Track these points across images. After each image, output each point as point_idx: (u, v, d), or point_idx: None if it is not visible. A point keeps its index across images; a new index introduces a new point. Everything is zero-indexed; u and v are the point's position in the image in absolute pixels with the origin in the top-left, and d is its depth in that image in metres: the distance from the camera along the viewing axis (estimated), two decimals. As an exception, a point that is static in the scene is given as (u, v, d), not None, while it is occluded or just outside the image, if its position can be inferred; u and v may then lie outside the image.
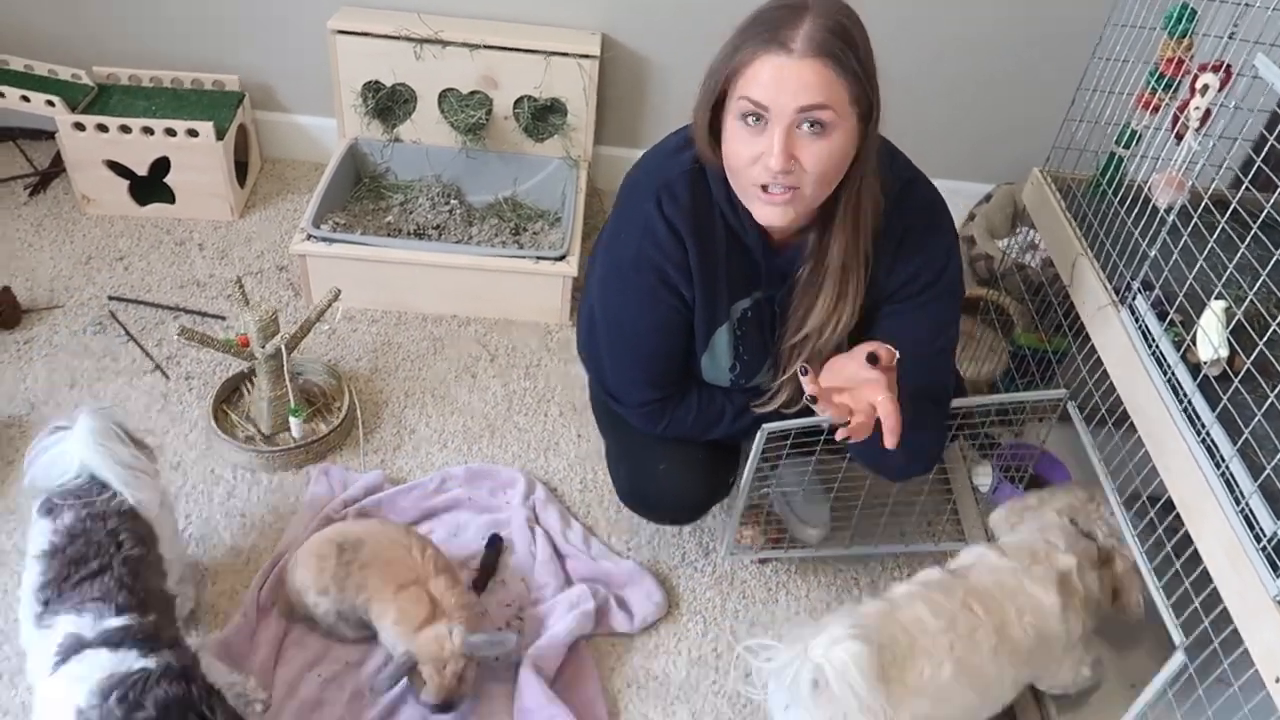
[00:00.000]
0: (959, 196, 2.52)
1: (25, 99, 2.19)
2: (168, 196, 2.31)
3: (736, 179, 1.22)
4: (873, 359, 1.16)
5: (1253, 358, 1.15)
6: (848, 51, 1.12)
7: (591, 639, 1.58)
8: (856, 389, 1.17)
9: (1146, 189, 1.49)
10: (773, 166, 1.15)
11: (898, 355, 1.18)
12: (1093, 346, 1.47)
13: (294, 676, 1.46)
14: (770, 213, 1.21)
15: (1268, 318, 1.20)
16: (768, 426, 1.44)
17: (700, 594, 1.68)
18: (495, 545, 1.67)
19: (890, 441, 1.15)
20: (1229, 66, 1.37)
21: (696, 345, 1.41)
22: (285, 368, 1.75)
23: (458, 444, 1.89)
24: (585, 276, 1.57)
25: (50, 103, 2.18)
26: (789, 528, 1.75)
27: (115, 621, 1.16)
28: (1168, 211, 1.41)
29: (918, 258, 1.32)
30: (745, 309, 1.38)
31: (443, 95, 2.35)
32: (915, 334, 1.35)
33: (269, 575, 1.57)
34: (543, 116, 2.40)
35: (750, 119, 1.15)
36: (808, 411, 1.46)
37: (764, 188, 1.18)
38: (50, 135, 2.27)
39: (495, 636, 1.41)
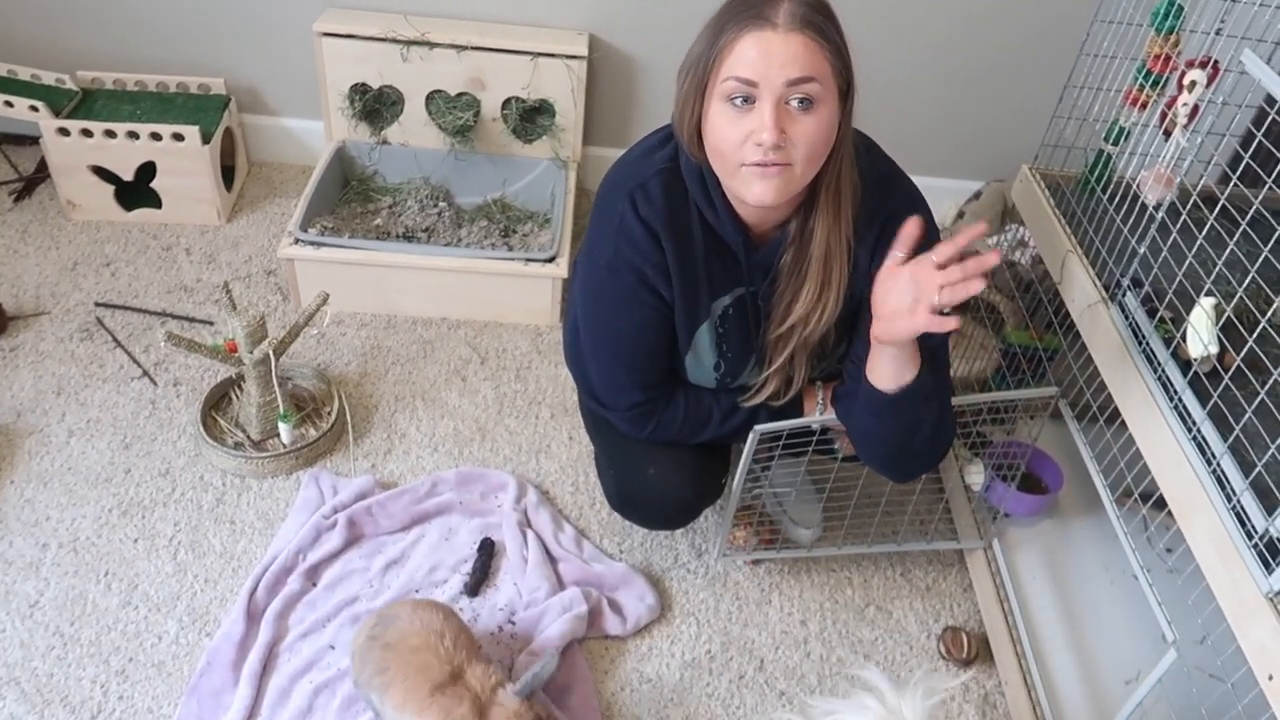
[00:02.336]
0: (948, 194, 2.53)
1: (8, 104, 2.18)
2: (154, 201, 2.30)
3: (725, 163, 1.20)
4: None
5: (1243, 354, 1.15)
6: (828, 24, 1.13)
7: (584, 642, 1.57)
8: (916, 289, 1.16)
9: (1135, 186, 1.49)
10: (765, 141, 1.13)
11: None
12: (1084, 344, 1.47)
13: (285, 684, 1.45)
14: (763, 188, 1.18)
15: (1257, 314, 1.20)
16: (760, 427, 1.43)
17: (693, 596, 1.68)
18: (487, 549, 1.66)
19: (966, 241, 1.12)
20: (1216, 62, 1.37)
21: (679, 345, 1.40)
22: (273, 373, 1.74)
23: (448, 447, 1.88)
24: (569, 283, 1.57)
25: (34, 108, 2.17)
26: (782, 528, 1.75)
27: None
28: (1156, 208, 1.41)
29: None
30: (726, 306, 1.38)
31: (430, 97, 2.34)
32: None
33: (259, 581, 1.56)
34: (531, 118, 2.39)
35: (738, 100, 1.15)
36: (797, 407, 1.46)
37: (756, 163, 1.17)
38: (34, 141, 2.25)
39: (535, 669, 1.32)
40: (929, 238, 1.34)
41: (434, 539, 1.69)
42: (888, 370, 1.26)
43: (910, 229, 1.16)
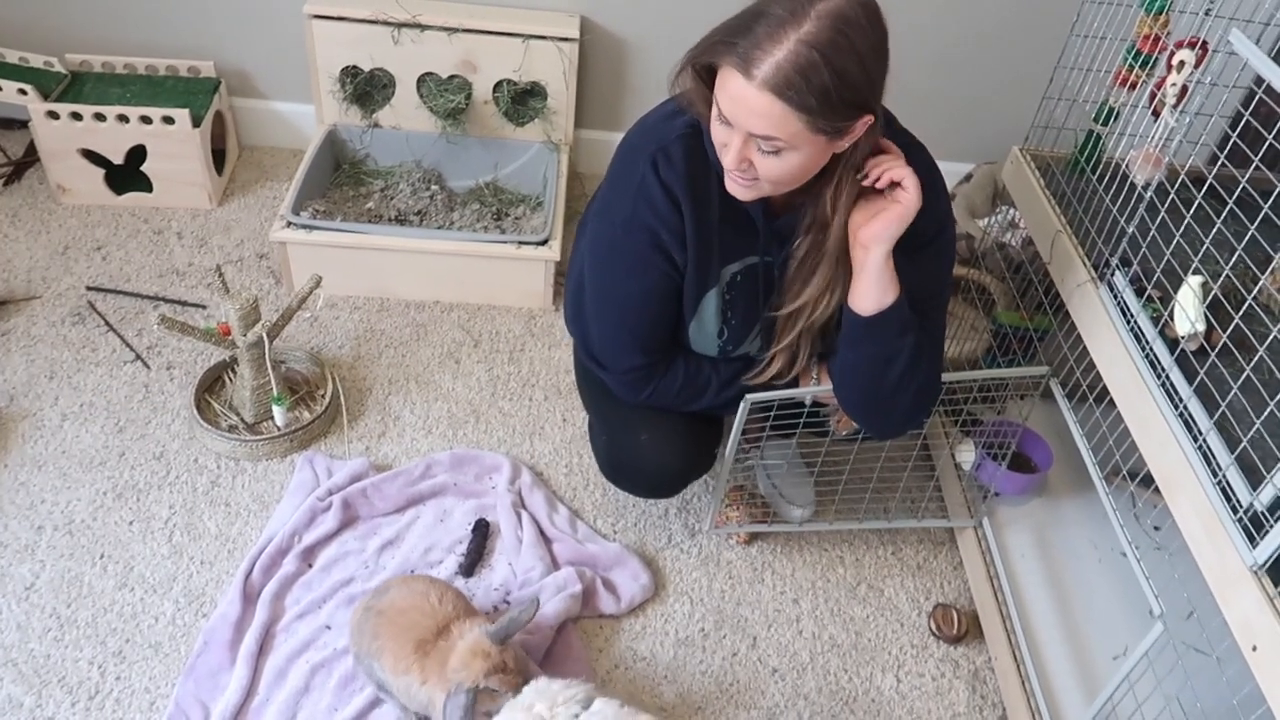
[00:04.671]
0: (940, 176, 2.53)
1: (-3, 87, 2.17)
2: (145, 185, 2.29)
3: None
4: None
5: (1229, 332, 1.17)
6: (810, 91, 1.07)
7: (579, 621, 1.59)
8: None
9: (1124, 166, 1.50)
10: (726, 165, 1.19)
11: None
12: (1073, 323, 1.48)
13: (282, 664, 1.46)
14: (736, 190, 1.25)
15: (1243, 292, 1.21)
16: (751, 397, 1.44)
17: (686, 575, 1.69)
18: (482, 530, 1.68)
19: (904, 177, 1.22)
20: (1205, 43, 1.38)
21: (685, 310, 1.41)
22: (267, 356, 1.74)
23: (442, 430, 1.89)
24: (574, 243, 1.56)
25: (22, 91, 2.15)
26: (774, 506, 1.76)
27: None
28: (1145, 188, 1.42)
29: (918, 221, 1.31)
30: (735, 273, 1.38)
31: (421, 80, 2.34)
32: (909, 286, 1.35)
33: (254, 563, 1.57)
34: (523, 100, 2.39)
35: (720, 119, 1.17)
36: (792, 385, 1.47)
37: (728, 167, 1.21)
38: (23, 124, 2.24)
39: (511, 614, 1.34)
40: (942, 207, 1.36)
41: (429, 520, 1.70)
42: (864, 287, 1.29)
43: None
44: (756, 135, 1.13)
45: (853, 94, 1.10)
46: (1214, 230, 1.22)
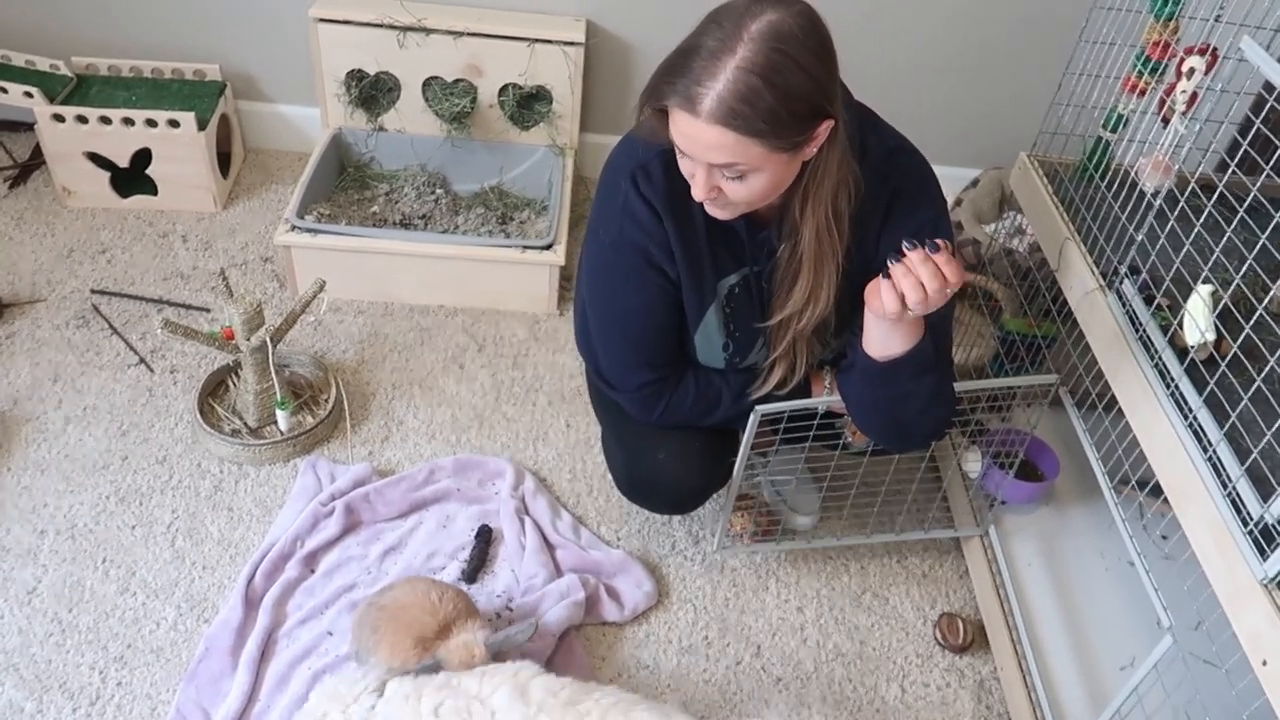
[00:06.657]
0: (945, 182, 2.48)
1: (3, 90, 2.16)
2: (150, 188, 2.29)
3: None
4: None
5: (1239, 342, 1.15)
6: (757, 116, 1.07)
7: (582, 628, 1.58)
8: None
9: (1133, 173, 1.49)
10: (696, 196, 1.19)
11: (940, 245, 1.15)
12: (1081, 331, 1.47)
13: (284, 670, 1.46)
14: (715, 213, 1.26)
15: (1254, 301, 1.20)
16: (762, 408, 1.43)
17: (690, 582, 1.68)
18: (485, 536, 1.67)
19: (959, 278, 1.14)
20: (1215, 49, 1.37)
21: (689, 324, 1.41)
22: (271, 360, 1.74)
23: (446, 435, 1.88)
24: (578, 265, 1.56)
25: (28, 94, 2.15)
26: (781, 517, 1.75)
27: None
28: (1154, 195, 1.41)
29: (906, 225, 1.31)
30: (733, 285, 1.38)
31: (427, 84, 2.34)
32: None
33: (257, 568, 1.56)
34: (528, 104, 2.39)
35: (679, 150, 1.17)
36: (804, 393, 1.46)
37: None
38: (29, 127, 2.24)
39: (510, 630, 1.36)
40: (934, 209, 1.34)
41: (432, 526, 1.69)
42: (878, 338, 1.26)
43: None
44: (716, 165, 1.13)
45: (803, 106, 1.09)
46: (1224, 238, 1.21)
